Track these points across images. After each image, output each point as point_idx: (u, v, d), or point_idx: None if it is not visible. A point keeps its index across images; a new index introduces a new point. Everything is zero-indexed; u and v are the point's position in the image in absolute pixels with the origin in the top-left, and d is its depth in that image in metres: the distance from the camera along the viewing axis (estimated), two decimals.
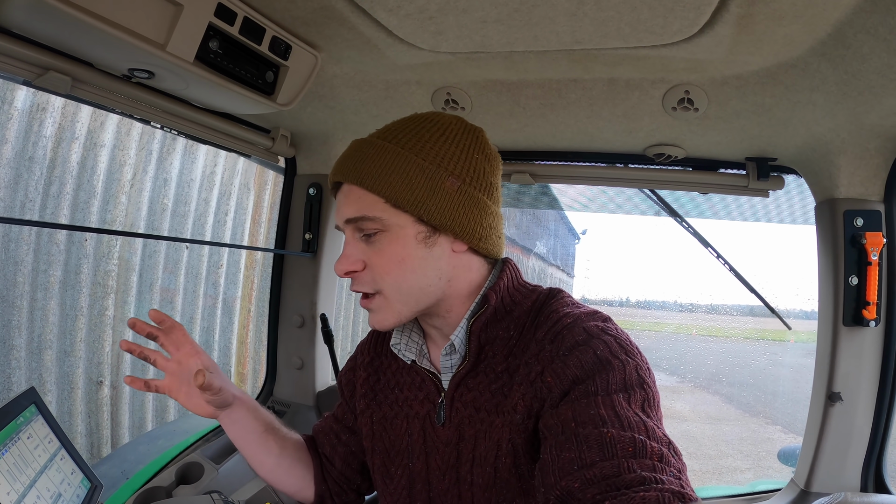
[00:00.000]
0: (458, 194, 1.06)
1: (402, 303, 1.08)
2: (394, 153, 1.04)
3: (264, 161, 2.20)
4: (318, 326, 2.27)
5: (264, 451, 1.30)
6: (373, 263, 1.07)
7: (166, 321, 1.23)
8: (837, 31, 1.18)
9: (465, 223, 1.06)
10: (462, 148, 1.08)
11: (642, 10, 1.15)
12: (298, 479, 1.35)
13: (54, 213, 3.08)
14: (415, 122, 1.09)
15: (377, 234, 1.05)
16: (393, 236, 1.05)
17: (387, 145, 1.05)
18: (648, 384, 0.94)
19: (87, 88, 1.38)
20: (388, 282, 1.06)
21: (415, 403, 1.19)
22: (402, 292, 1.07)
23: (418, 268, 1.06)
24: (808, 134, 1.64)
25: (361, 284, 1.09)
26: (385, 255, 1.05)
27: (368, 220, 1.04)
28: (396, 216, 1.04)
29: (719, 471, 7.95)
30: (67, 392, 3.26)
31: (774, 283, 26.19)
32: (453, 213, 1.05)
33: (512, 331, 1.09)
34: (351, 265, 1.07)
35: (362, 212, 1.04)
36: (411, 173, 1.03)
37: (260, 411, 1.33)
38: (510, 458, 1.02)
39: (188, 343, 1.24)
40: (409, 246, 1.05)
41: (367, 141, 1.09)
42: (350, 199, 1.06)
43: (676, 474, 0.80)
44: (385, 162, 1.03)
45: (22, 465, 1.08)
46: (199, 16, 1.20)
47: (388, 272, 1.06)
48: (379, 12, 1.24)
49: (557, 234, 17.46)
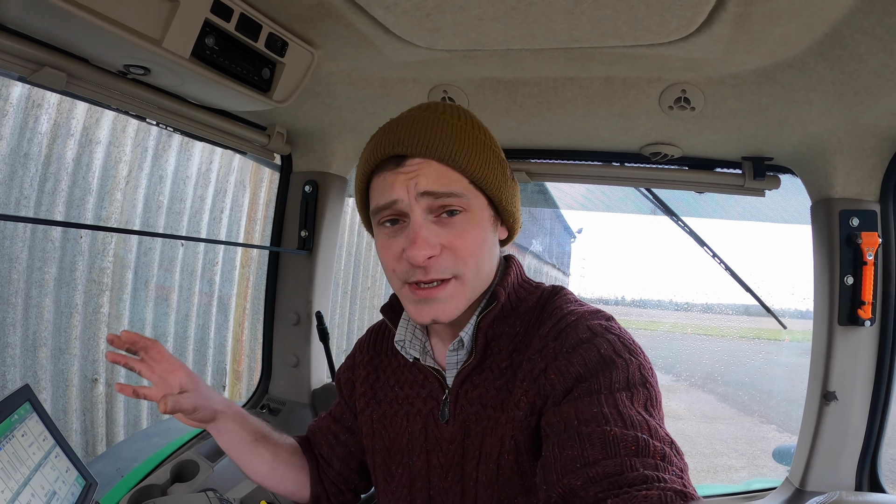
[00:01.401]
0: (514, 184, 1.09)
1: (473, 289, 1.05)
2: (470, 133, 1.02)
3: (260, 158, 2.19)
4: (314, 324, 2.26)
5: (256, 459, 1.29)
6: (454, 245, 1.00)
7: (138, 342, 1.20)
8: (834, 31, 1.18)
9: (517, 212, 1.11)
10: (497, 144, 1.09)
11: (639, 9, 1.15)
12: (293, 482, 1.35)
13: (49, 210, 3.07)
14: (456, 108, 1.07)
15: (458, 214, 1.00)
16: (474, 218, 1.02)
17: (459, 122, 1.02)
18: (651, 384, 0.94)
19: (82, 84, 1.38)
20: (470, 264, 1.02)
21: (417, 401, 1.18)
22: (478, 277, 1.05)
23: (490, 252, 1.06)
24: (804, 133, 1.64)
25: (439, 270, 1.00)
26: (468, 237, 1.01)
27: (455, 198, 0.99)
28: (477, 197, 1.02)
29: (714, 469, 7.97)
30: (62, 390, 3.25)
31: (770, 283, 26.21)
32: (515, 201, 1.08)
33: (518, 327, 1.09)
34: (431, 249, 0.98)
35: (449, 187, 0.98)
36: (490, 157, 1.03)
37: (248, 420, 1.31)
38: (512, 455, 1.01)
39: (165, 360, 1.21)
40: (487, 229, 1.05)
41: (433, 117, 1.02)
42: (428, 174, 0.98)
43: (678, 473, 0.80)
44: (467, 140, 1.01)
45: (16, 463, 1.07)
46: (195, 12, 1.19)
47: (470, 255, 1.01)
48: (376, 9, 1.24)
49: (553, 232, 17.48)
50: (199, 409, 1.18)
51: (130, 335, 1.19)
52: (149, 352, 1.20)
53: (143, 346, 1.20)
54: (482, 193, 1.03)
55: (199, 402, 1.18)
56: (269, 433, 1.34)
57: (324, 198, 2.22)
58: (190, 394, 1.17)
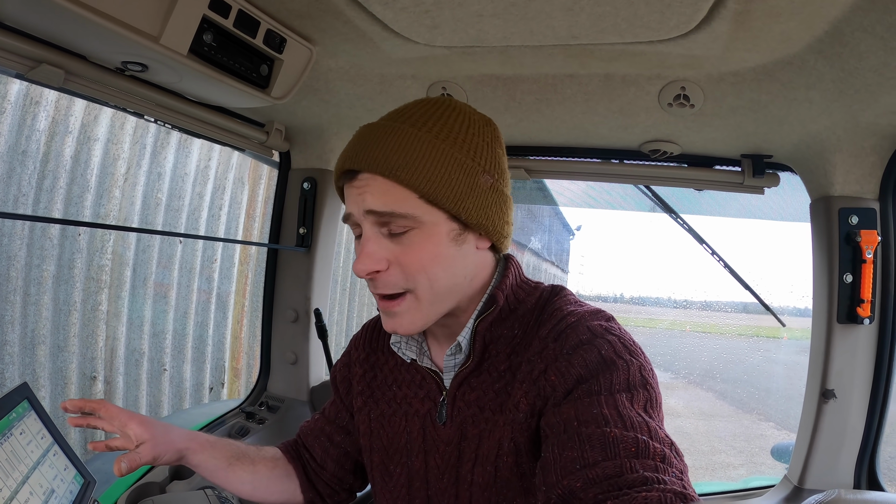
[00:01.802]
0: (492, 191, 1.01)
1: (432, 304, 1.02)
2: (428, 143, 0.95)
3: (258, 155, 2.19)
4: (312, 321, 2.26)
5: (236, 481, 1.28)
6: (402, 262, 0.98)
7: (86, 406, 1.19)
8: (835, 28, 1.18)
9: (496, 221, 1.03)
10: (487, 141, 1.03)
11: (639, 6, 1.15)
12: (282, 492, 1.33)
13: (47, 208, 3.07)
14: (437, 108, 1.02)
15: (408, 230, 0.97)
16: (426, 234, 0.97)
17: (419, 133, 0.96)
18: (651, 385, 0.93)
19: (80, 81, 1.37)
20: (420, 280, 0.99)
21: (414, 401, 1.17)
22: (435, 292, 1.01)
23: (450, 267, 1.01)
24: (803, 131, 1.64)
25: (387, 286, 1.00)
26: (416, 254, 0.97)
27: (399, 217, 0.95)
28: (430, 213, 0.96)
29: (712, 467, 7.99)
30: (61, 387, 3.25)
31: (769, 280, 26.23)
32: (488, 212, 1.00)
33: (516, 329, 1.07)
34: (375, 264, 0.97)
35: (392, 207, 0.95)
36: (449, 167, 0.96)
37: (218, 447, 1.29)
38: (512, 457, 1.01)
39: (116, 416, 1.19)
40: (442, 244, 0.99)
41: (393, 127, 0.98)
42: (374, 191, 0.95)
43: (678, 475, 0.80)
44: (420, 153, 0.94)
45: (14, 461, 1.07)
46: (193, 8, 1.19)
47: (420, 271, 0.98)
48: (374, 6, 1.24)
49: (552, 229, 17.52)
50: (160, 455, 1.17)
51: (75, 402, 1.19)
52: (98, 412, 1.19)
53: (90, 408, 1.19)
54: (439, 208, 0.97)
55: (158, 450, 1.17)
56: (244, 452, 1.32)
57: (322, 195, 2.22)
58: (146, 444, 1.15)
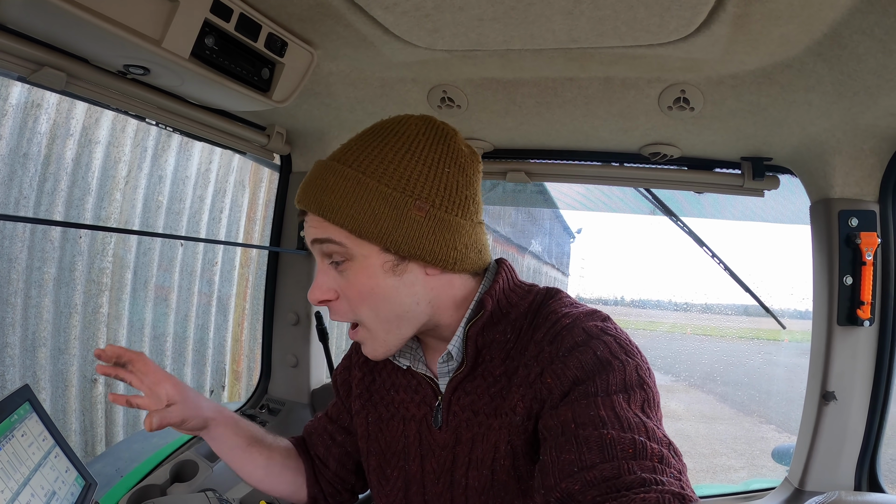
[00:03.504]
0: (428, 219, 0.99)
1: (384, 332, 1.05)
2: (355, 181, 0.98)
3: (259, 158, 2.19)
4: (313, 324, 2.26)
5: (250, 463, 1.29)
6: (344, 292, 1.04)
7: (124, 355, 1.19)
8: (834, 31, 1.18)
9: (435, 250, 1.01)
10: (430, 164, 1.01)
11: (639, 9, 1.15)
12: (289, 484, 1.34)
13: (49, 210, 3.07)
14: (378, 139, 1.02)
15: (344, 262, 1.01)
16: (359, 266, 1.00)
17: (347, 171, 0.99)
18: (648, 384, 0.93)
19: (82, 85, 1.38)
20: (363, 312, 1.04)
21: (411, 406, 1.18)
22: (381, 321, 1.04)
23: (391, 297, 1.02)
24: (803, 134, 1.64)
25: (339, 314, 1.07)
26: (354, 286, 1.02)
27: (334, 244, 1.00)
28: (360, 246, 0.99)
29: (713, 469, 7.98)
30: (62, 390, 3.25)
31: (769, 283, 26.24)
32: (422, 242, 0.99)
33: (509, 334, 1.07)
34: (323, 294, 1.04)
35: (328, 234, 1.00)
36: (374, 203, 0.97)
37: (241, 425, 1.30)
38: (509, 460, 1.01)
39: (152, 372, 1.19)
40: (377, 276, 1.00)
41: (328, 166, 1.02)
42: (315, 227, 1.02)
43: (676, 475, 0.80)
44: (345, 191, 0.98)
45: (16, 463, 1.07)
46: (194, 12, 1.19)
47: (361, 303, 1.03)
48: (375, 9, 1.24)
49: (553, 232, 17.51)
50: (188, 419, 1.18)
51: (115, 349, 1.18)
52: (134, 365, 1.19)
53: (127, 359, 1.19)
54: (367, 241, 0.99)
55: (188, 413, 1.18)
56: (263, 436, 1.33)
57: None
58: (177, 405, 1.16)
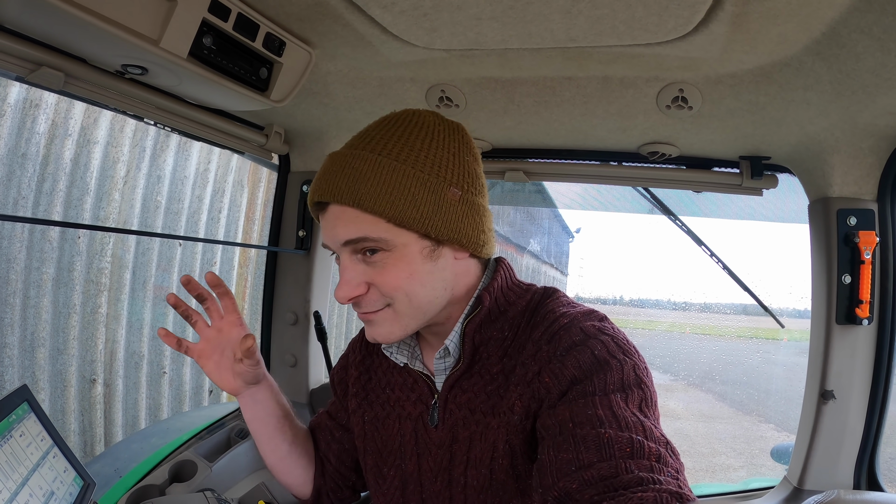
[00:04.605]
0: (461, 203, 1.02)
1: (411, 317, 1.04)
2: (390, 168, 0.97)
3: (258, 158, 2.19)
4: (312, 324, 2.26)
5: (280, 436, 1.30)
6: (378, 283, 1.01)
7: (221, 286, 1.20)
8: (832, 30, 1.18)
9: (469, 233, 1.03)
10: (453, 152, 1.03)
11: (637, 8, 1.15)
12: (303, 470, 1.36)
13: (47, 210, 3.07)
14: (398, 127, 1.03)
15: (379, 253, 0.99)
16: (398, 256, 0.99)
17: (379, 158, 0.98)
18: (646, 384, 0.94)
19: (80, 84, 1.38)
20: (398, 296, 1.01)
21: (407, 404, 1.18)
22: (413, 306, 1.03)
23: (427, 282, 1.02)
24: (801, 133, 1.64)
25: (369, 305, 1.03)
26: (392, 276, 1.00)
27: (371, 241, 0.98)
28: (400, 235, 0.98)
29: (712, 469, 7.98)
30: (60, 390, 3.25)
31: (768, 282, 26.29)
32: (458, 225, 1.01)
33: (507, 331, 1.08)
34: (354, 290, 1.01)
35: (364, 233, 0.97)
36: (413, 189, 0.97)
37: (281, 396, 1.33)
38: (507, 460, 1.01)
39: (235, 313, 1.22)
40: (416, 263, 1.00)
41: (354, 154, 1.00)
42: (345, 221, 0.99)
43: (674, 474, 0.80)
44: (382, 179, 0.96)
45: (14, 463, 1.07)
46: (192, 11, 1.19)
47: (397, 291, 1.01)
48: (373, 9, 1.24)
49: (551, 232, 17.51)
50: (261, 364, 1.22)
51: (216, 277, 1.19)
52: (223, 299, 1.22)
53: (222, 291, 1.21)
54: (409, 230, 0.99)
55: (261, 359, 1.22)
56: (294, 416, 1.36)
57: None
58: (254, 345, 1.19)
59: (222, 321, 1.22)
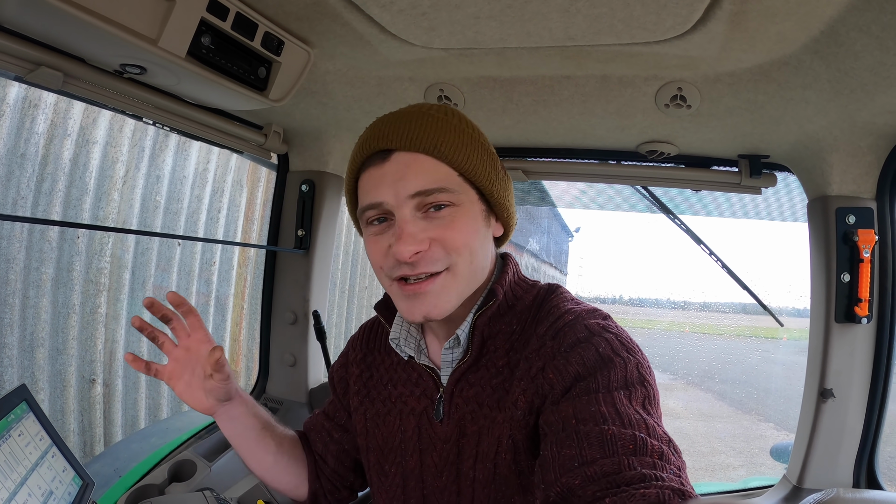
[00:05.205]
0: (507, 179, 1.09)
1: (466, 282, 1.04)
2: (459, 128, 1.03)
3: (257, 158, 2.19)
4: (311, 323, 2.26)
5: (262, 449, 1.29)
6: (443, 238, 0.99)
7: (184, 305, 1.20)
8: (830, 28, 1.18)
9: (510, 209, 1.11)
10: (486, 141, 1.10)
11: (635, 7, 1.15)
12: (294, 476, 1.34)
13: (46, 210, 3.07)
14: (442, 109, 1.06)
15: (446, 207, 0.99)
16: (464, 211, 1.01)
17: (447, 118, 1.03)
18: (649, 382, 0.94)
19: (78, 84, 1.38)
20: (463, 254, 1.01)
21: (410, 400, 1.18)
22: (472, 269, 1.04)
23: (483, 245, 1.06)
24: (800, 131, 1.64)
25: (430, 263, 1.00)
26: (457, 229, 1.00)
27: (445, 192, 0.99)
28: (467, 191, 1.02)
29: (712, 467, 7.99)
30: (60, 390, 3.25)
31: (767, 281, 26.31)
32: (508, 196, 1.08)
33: (514, 325, 1.08)
34: (419, 244, 0.98)
35: (439, 183, 0.98)
36: (479, 150, 1.04)
37: (257, 408, 1.31)
38: (510, 455, 1.01)
39: (202, 330, 1.21)
40: (478, 222, 1.04)
41: (415, 113, 1.03)
42: (416, 170, 0.99)
43: (676, 472, 0.80)
44: (456, 134, 1.01)
45: (13, 463, 1.07)
46: (191, 11, 1.19)
47: (462, 248, 1.00)
48: (372, 8, 1.24)
49: (550, 231, 17.52)
50: (231, 379, 1.19)
51: (178, 296, 1.19)
52: (187, 318, 1.21)
53: (186, 310, 1.20)
54: (472, 187, 1.03)
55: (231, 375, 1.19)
56: (275, 424, 1.34)
57: (320, 197, 2.22)
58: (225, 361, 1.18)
59: (189, 339, 1.21)
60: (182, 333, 1.21)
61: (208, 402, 1.21)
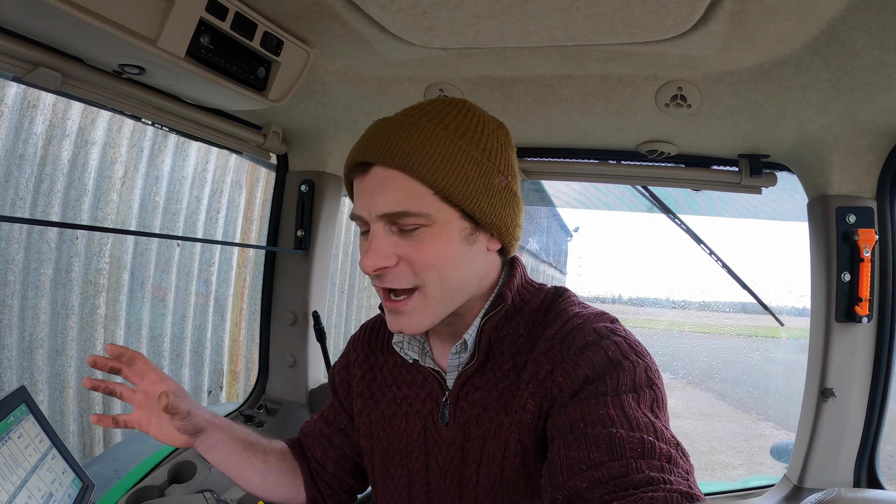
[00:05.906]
0: (505, 191, 1.01)
1: (440, 302, 1.00)
2: (445, 139, 0.95)
3: (256, 158, 2.19)
4: (311, 324, 2.26)
5: (247, 469, 1.28)
6: (411, 257, 0.96)
7: (125, 354, 1.18)
8: (831, 27, 1.18)
9: (508, 223, 1.03)
10: (500, 141, 1.03)
11: (636, 6, 1.15)
12: (287, 488, 1.33)
13: (45, 211, 3.06)
14: (453, 108, 1.01)
15: (419, 228, 0.95)
16: (437, 231, 0.96)
17: (437, 129, 0.95)
18: (657, 385, 0.94)
19: (77, 84, 1.37)
20: (431, 276, 0.97)
21: (415, 402, 1.17)
22: (444, 290, 0.99)
23: (460, 265, 1.00)
24: (800, 131, 1.64)
25: (395, 280, 0.98)
26: (428, 252, 0.96)
27: (411, 217, 0.94)
28: (443, 211, 0.95)
29: (712, 467, 7.99)
30: (59, 391, 3.24)
31: (767, 280, 26.36)
32: (501, 212, 1.00)
33: (521, 329, 1.07)
34: (384, 260, 0.96)
35: (405, 206, 0.94)
36: (465, 165, 0.95)
37: (235, 430, 1.29)
38: (518, 458, 1.01)
39: (152, 371, 1.19)
40: (454, 242, 0.98)
41: (410, 121, 0.97)
42: (388, 189, 0.94)
43: (684, 475, 0.80)
44: (437, 147, 0.94)
45: (12, 465, 1.07)
46: (190, 11, 1.19)
47: (430, 269, 0.97)
48: (371, 8, 1.24)
49: (550, 231, 17.54)
50: (192, 414, 1.16)
51: (116, 348, 1.17)
52: (133, 365, 1.19)
53: (129, 358, 1.18)
54: (452, 206, 0.96)
55: (192, 409, 1.16)
56: (257, 440, 1.32)
57: (320, 197, 2.22)
58: (182, 398, 1.15)
59: (144, 383, 1.19)
60: (136, 379, 1.19)
61: (182, 438, 1.20)
